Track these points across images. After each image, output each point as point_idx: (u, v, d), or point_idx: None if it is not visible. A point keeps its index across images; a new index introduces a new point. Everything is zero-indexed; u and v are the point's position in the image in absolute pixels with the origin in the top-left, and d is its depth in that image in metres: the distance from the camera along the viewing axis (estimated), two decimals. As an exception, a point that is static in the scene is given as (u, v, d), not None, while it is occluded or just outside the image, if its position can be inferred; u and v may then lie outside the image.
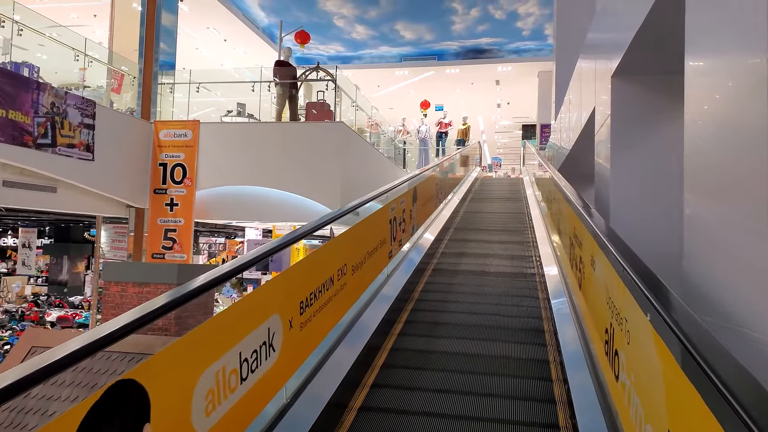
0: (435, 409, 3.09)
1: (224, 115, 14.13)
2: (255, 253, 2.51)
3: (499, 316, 4.56)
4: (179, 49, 17.70)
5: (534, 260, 6.31)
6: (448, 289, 5.27)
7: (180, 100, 13.45)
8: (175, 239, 11.50)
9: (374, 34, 17.35)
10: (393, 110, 24.34)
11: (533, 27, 16.43)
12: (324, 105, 12.25)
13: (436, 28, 16.87)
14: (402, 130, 19.39)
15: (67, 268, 20.34)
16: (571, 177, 9.86)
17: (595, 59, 5.68)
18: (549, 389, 3.31)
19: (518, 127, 26.78)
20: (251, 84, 12.19)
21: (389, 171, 15.36)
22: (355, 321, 3.82)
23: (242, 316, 2.13)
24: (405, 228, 5.35)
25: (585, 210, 3.45)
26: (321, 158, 10.86)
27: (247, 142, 11.33)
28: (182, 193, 11.48)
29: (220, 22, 15.54)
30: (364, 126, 16.71)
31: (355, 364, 3.37)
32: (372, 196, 4.33)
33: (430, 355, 3.80)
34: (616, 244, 2.44)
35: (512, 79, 19.72)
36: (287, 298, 2.53)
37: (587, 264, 3.15)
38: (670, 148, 4.36)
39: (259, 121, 12.79)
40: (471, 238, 7.56)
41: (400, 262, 5.39)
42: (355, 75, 20.01)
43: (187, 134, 11.59)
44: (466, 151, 16.96)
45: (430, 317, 4.49)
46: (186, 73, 13.31)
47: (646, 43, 3.81)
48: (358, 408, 3.06)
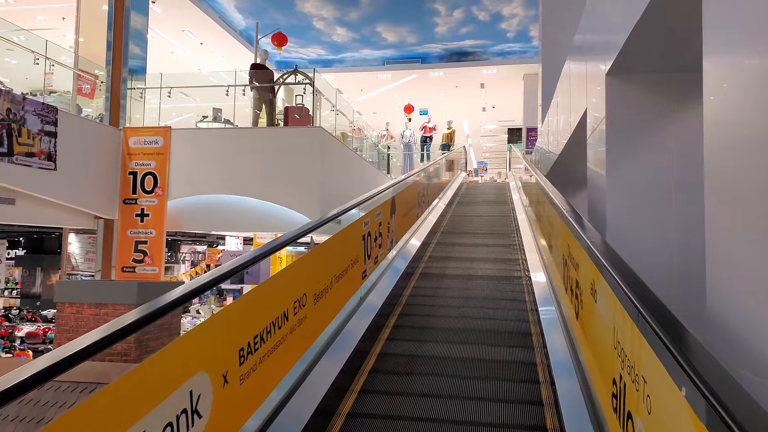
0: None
1: (199, 120, 13.59)
2: (218, 271, 2.32)
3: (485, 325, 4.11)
4: (154, 53, 17.13)
5: (523, 277, 5.88)
6: (427, 317, 4.83)
7: (155, 106, 12.90)
8: (146, 252, 10.92)
9: (355, 36, 16.90)
10: (377, 115, 23.91)
11: (518, 29, 16.08)
12: (302, 109, 11.77)
13: (419, 30, 16.46)
14: (386, 135, 18.95)
15: (40, 280, 19.61)
16: (561, 183, 9.45)
17: (585, 59, 5.26)
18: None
19: (504, 130, 26.46)
20: (226, 88, 11.66)
21: (372, 177, 14.89)
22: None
23: (148, 382, 1.63)
24: (382, 242, 4.88)
25: (580, 226, 3.00)
26: (299, 165, 10.37)
27: (222, 149, 10.80)
28: (153, 203, 10.92)
29: (196, 24, 15.00)
30: (347, 131, 16.25)
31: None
32: (337, 212, 3.86)
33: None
34: (625, 275, 1.99)
35: (497, 82, 19.37)
36: (221, 346, 2.05)
37: (586, 291, 2.70)
38: (672, 154, 3.94)
39: (235, 127, 12.27)
40: (458, 242, 7.25)
41: (378, 280, 4.93)
42: (337, 79, 19.55)
43: (158, 141, 11.04)
44: (451, 155, 16.56)
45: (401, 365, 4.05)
46: (160, 77, 12.74)
47: (645, 38, 3.38)
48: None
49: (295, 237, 3.04)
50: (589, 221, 3.85)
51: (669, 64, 3.81)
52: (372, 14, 15.26)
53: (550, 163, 9.55)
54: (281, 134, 10.92)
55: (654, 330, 1.54)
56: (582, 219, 3.44)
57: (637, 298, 1.81)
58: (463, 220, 10.21)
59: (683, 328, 1.52)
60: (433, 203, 11.59)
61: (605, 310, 2.27)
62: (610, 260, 2.16)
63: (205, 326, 2.03)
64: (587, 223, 3.21)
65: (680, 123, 3.92)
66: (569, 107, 6.43)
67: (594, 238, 2.56)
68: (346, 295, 3.66)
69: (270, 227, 11.48)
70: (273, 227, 11.40)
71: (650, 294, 1.82)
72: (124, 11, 11.41)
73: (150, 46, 16.53)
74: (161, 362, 1.73)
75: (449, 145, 18.69)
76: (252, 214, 10.98)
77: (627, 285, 1.87)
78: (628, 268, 2.07)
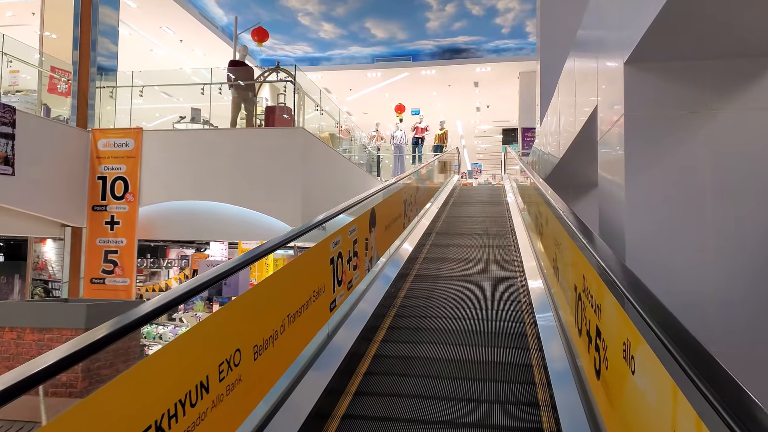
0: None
1: (176, 121, 12.85)
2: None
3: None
4: (132, 51, 16.39)
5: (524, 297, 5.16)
6: (417, 330, 4.12)
7: (134, 107, 12.15)
8: (117, 262, 10.17)
9: (343, 32, 16.14)
10: (367, 115, 23.17)
11: (513, 24, 15.36)
12: (284, 109, 11.03)
13: (410, 26, 15.72)
14: (375, 135, 18.22)
15: (18, 287, 18.76)
16: (562, 187, 8.77)
17: (596, 50, 4.55)
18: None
19: (498, 131, 25.76)
20: (201, 87, 10.89)
21: (361, 181, 14.15)
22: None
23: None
24: (359, 263, 4.15)
25: (603, 256, 2.29)
26: (279, 169, 9.64)
27: (197, 152, 10.05)
28: (124, 210, 10.17)
29: (174, 20, 14.23)
30: (336, 132, 15.53)
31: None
32: (297, 232, 3.13)
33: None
34: (701, 363, 1.27)
35: (491, 80, 18.65)
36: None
37: (615, 353, 1.98)
38: (707, 157, 3.23)
39: (213, 128, 11.53)
40: (452, 243, 6.53)
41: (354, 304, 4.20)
42: (324, 77, 18.81)
43: (128, 143, 10.28)
44: (443, 157, 15.86)
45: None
46: (138, 76, 11.94)
47: (675, 19, 2.67)
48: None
49: (261, 254, 2.63)
50: (600, 238, 3.14)
51: (703, 50, 3.10)
52: (360, 9, 14.53)
53: (549, 166, 8.85)
54: (261, 136, 10.18)
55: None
56: (593, 240, 2.72)
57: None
58: (458, 221, 9.56)
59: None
60: (426, 207, 10.88)
61: (652, 390, 1.56)
62: (666, 329, 1.44)
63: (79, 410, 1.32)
64: (616, 259, 2.49)
65: (717, 120, 3.21)
66: (574, 106, 5.71)
67: (636, 286, 1.84)
68: (305, 336, 2.93)
69: (249, 236, 10.74)
70: (252, 235, 10.67)
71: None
72: (92, 5, 10.63)
73: (127, 44, 15.79)
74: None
75: (442, 146, 17.99)
76: (230, 221, 10.25)
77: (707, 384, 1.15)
78: (700, 347, 1.35)
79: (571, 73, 6.02)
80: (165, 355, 1.79)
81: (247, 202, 9.70)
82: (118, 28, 11.35)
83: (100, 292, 10.12)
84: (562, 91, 6.99)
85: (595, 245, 2.54)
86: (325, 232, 3.53)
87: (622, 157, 3.40)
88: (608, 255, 2.36)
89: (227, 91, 10.81)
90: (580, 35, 5.42)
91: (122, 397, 1.53)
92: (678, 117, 3.28)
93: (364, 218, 4.34)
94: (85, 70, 10.68)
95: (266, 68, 11.98)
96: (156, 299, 1.97)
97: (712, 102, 3.20)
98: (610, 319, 2.06)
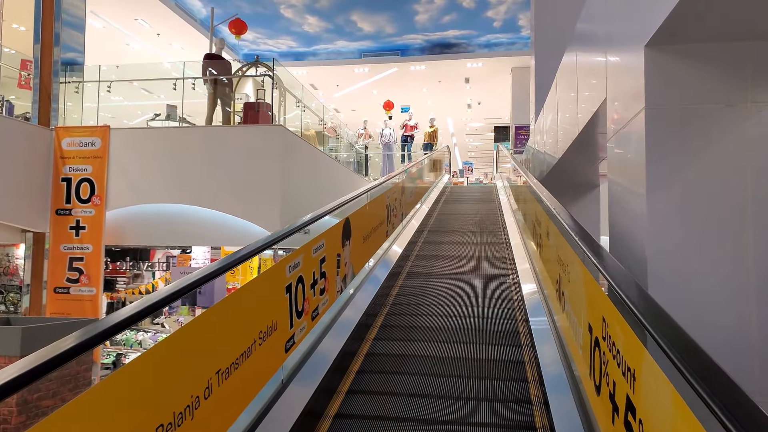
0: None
1: (151, 119, 12.13)
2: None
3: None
4: (107, 45, 15.63)
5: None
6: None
7: (113, 104, 11.43)
8: (82, 270, 9.48)
9: (328, 26, 15.44)
10: (356, 112, 22.50)
11: (505, 17, 14.72)
12: (263, 106, 10.35)
13: (398, 19, 15.04)
14: (363, 133, 17.56)
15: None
16: (560, 187, 8.17)
17: (605, 38, 3.93)
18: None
19: (490, 128, 25.15)
20: (174, 82, 10.19)
21: (347, 181, 13.50)
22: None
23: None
24: (328, 286, 3.52)
25: (648, 311, 1.67)
26: (256, 170, 9.00)
27: (170, 151, 9.38)
28: (90, 214, 9.48)
29: (149, 13, 13.48)
30: (322, 130, 14.86)
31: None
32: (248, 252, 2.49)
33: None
34: None
35: (483, 76, 18.01)
36: None
37: (647, 416, 1.36)
38: (748, 161, 2.61)
39: (190, 125, 10.85)
40: (443, 243, 5.88)
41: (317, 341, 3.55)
42: (310, 73, 18.11)
43: (95, 143, 9.58)
44: (433, 156, 15.23)
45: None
46: (111, 71, 11.18)
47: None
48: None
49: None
50: (611, 256, 2.54)
51: (748, 26, 2.49)
52: (345, 1, 13.84)
53: (545, 165, 8.24)
54: (236, 134, 9.50)
55: None
56: (662, 315, 2.11)
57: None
58: (450, 218, 8.96)
59: None
60: (415, 207, 10.25)
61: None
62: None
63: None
64: (672, 322, 1.87)
65: (762, 115, 2.59)
66: (575, 102, 5.09)
67: (708, 374, 1.21)
68: (244, 394, 2.28)
69: (226, 241, 10.07)
70: (230, 241, 10.00)
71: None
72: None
73: (102, 38, 15.03)
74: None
75: (432, 144, 17.36)
76: (205, 225, 9.58)
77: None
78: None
79: (572, 67, 5.41)
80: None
81: (222, 205, 9.06)
82: (85, 19, 10.61)
83: (65, 303, 9.42)
84: (561, 86, 6.38)
85: (629, 292, 1.91)
86: (291, 247, 2.93)
87: (643, 162, 2.78)
88: (655, 311, 1.73)
89: (198, 86, 10.12)
90: (581, 26, 4.82)
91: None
92: (712, 112, 2.66)
93: (334, 231, 3.69)
94: (48, 65, 9.95)
95: (245, 62, 11.30)
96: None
97: (756, 94, 2.58)
98: (656, 403, 1.43)
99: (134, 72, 12.85)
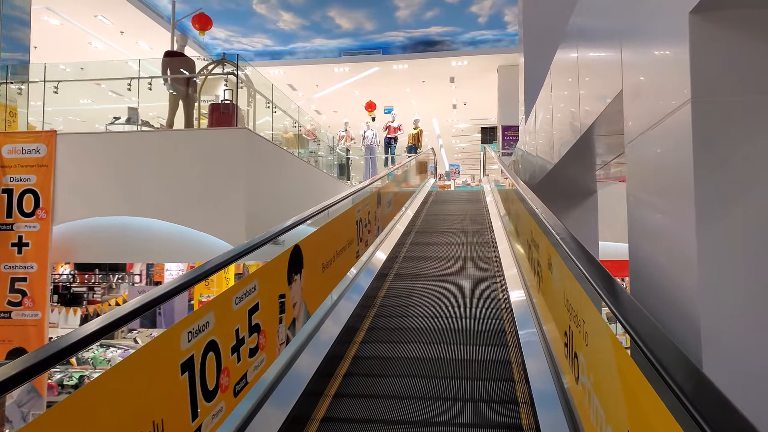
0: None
1: (110, 123, 11.19)
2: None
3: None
4: (67, 44, 14.65)
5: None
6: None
7: (83, 107, 10.50)
8: (26, 291, 8.53)
9: (305, 23, 14.55)
10: (338, 113, 21.63)
11: (491, 12, 13.92)
12: (231, 107, 9.48)
13: (378, 15, 14.19)
14: (345, 136, 16.70)
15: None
16: (555, 193, 7.38)
17: (619, 17, 3.12)
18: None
19: (477, 129, 24.38)
20: (128, 82, 9.26)
21: (325, 187, 12.63)
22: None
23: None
24: (265, 340, 2.66)
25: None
26: (219, 178, 8.14)
27: (125, 159, 8.49)
28: (34, 229, 8.53)
29: (110, 9, 12.52)
30: (301, 133, 13.98)
31: None
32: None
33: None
34: None
35: (468, 75, 17.21)
36: None
37: None
38: None
39: (146, 129, 9.93)
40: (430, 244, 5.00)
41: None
42: (288, 73, 17.20)
43: (39, 149, 8.64)
44: (418, 159, 14.41)
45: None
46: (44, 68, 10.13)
47: None
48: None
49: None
50: (632, 305, 1.72)
51: None
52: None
53: (537, 170, 7.42)
54: (197, 138, 8.60)
55: None
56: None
57: None
58: (437, 219, 8.08)
59: None
60: (395, 218, 9.41)
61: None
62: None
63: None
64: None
65: None
66: (575, 101, 4.27)
67: None
68: None
69: (189, 256, 9.19)
70: (190, 256, 9.12)
71: None
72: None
73: (60, 36, 14.03)
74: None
75: (416, 147, 16.54)
76: (165, 240, 8.67)
77: None
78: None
79: (570, 63, 4.61)
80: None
81: (181, 217, 8.17)
82: (29, 14, 9.66)
83: (6, 329, 8.46)
84: (556, 84, 5.57)
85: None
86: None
87: (688, 177, 1.96)
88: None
89: (162, 88, 9.22)
90: (580, 18, 4.02)
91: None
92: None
93: (276, 266, 2.84)
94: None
95: (210, 60, 10.41)
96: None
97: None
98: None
99: (97, 72, 11.90)
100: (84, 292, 15.52)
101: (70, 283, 15.32)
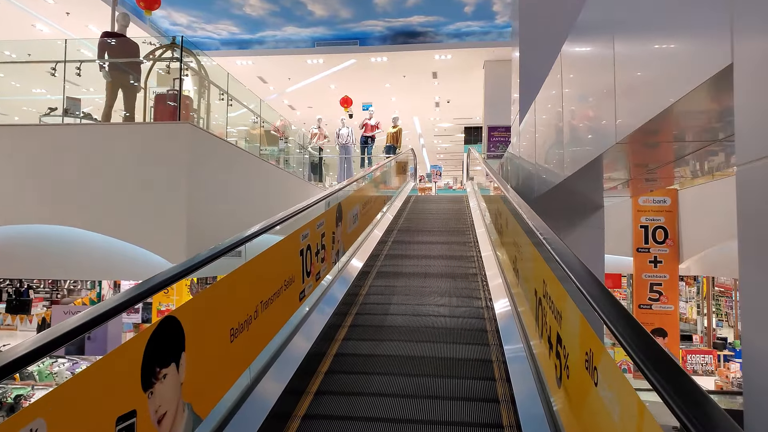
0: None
1: (45, 114, 9.72)
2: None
3: None
4: (10, 26, 13.18)
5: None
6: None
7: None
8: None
9: (274, 9, 13.19)
10: (312, 109, 20.29)
11: (478, 1, 12.70)
12: (184, 98, 8.14)
13: (354, 1, 12.90)
14: (317, 133, 15.41)
15: None
16: (555, 209, 6.24)
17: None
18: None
19: (460, 129, 23.22)
20: (53, 66, 7.88)
21: (292, 192, 11.35)
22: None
23: None
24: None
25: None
26: (157, 182, 6.86)
27: (48, 157, 7.18)
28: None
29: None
30: (270, 129, 12.66)
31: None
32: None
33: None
34: None
35: (452, 70, 16.01)
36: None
37: None
38: None
39: (64, 124, 8.52)
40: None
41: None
42: (257, 64, 15.82)
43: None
44: (397, 159, 13.20)
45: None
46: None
47: None
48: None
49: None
50: None
51: None
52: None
53: (536, 181, 6.22)
54: (134, 134, 7.25)
55: None
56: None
57: None
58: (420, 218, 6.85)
59: None
60: (367, 229, 8.19)
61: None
62: None
63: None
64: None
65: None
66: (609, 107, 3.06)
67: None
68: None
69: (120, 273, 7.87)
70: (123, 274, 7.82)
71: None
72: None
73: (2, 17, 12.60)
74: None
75: (395, 146, 15.31)
76: (96, 253, 7.36)
77: None
78: None
79: (595, 57, 3.41)
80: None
81: (111, 227, 6.88)
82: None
83: None
84: (571, 81, 4.37)
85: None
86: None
87: None
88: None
89: (75, 71, 7.86)
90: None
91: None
92: None
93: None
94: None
95: (159, 45, 9.04)
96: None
97: None
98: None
99: (36, 55, 10.42)
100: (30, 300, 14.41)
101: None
